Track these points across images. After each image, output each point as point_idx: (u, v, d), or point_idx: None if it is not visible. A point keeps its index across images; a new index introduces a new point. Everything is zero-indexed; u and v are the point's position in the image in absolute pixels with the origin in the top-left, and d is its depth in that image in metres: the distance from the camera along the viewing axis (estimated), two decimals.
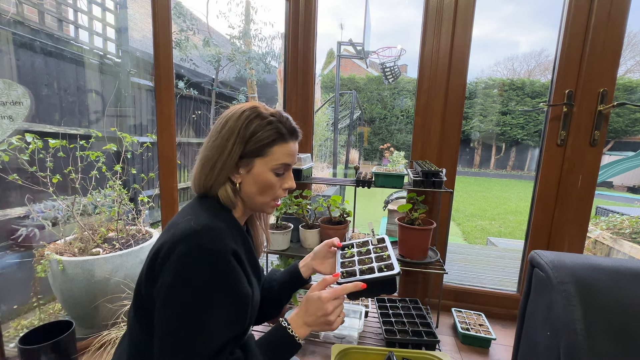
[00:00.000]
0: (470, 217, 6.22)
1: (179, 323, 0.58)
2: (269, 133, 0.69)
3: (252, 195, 0.72)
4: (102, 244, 1.59)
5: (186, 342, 0.57)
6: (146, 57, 2.67)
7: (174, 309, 0.58)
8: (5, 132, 1.26)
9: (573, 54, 1.46)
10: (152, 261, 0.62)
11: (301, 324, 0.69)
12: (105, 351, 1.27)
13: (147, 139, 2.37)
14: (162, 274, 0.60)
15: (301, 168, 1.53)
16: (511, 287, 1.86)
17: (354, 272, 0.78)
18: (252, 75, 5.60)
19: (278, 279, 0.89)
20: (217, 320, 0.60)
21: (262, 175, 0.71)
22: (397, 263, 0.76)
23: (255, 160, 0.70)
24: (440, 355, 1.11)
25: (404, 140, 10.63)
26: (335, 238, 0.91)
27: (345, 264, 0.84)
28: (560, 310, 0.72)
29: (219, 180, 0.70)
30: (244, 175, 0.71)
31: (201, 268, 0.59)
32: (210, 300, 0.59)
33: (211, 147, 0.70)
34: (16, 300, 1.60)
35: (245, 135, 0.68)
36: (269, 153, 0.70)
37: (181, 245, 0.59)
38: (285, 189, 0.76)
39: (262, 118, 0.69)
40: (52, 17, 2.05)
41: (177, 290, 0.58)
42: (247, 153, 0.69)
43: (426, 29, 1.58)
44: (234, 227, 0.71)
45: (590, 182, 1.52)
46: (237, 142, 0.68)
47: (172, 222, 0.68)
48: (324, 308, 0.68)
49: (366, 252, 0.88)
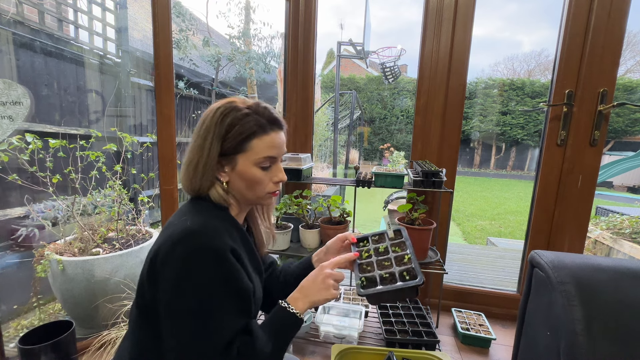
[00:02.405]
0: (470, 217, 6.22)
1: (186, 323, 0.58)
2: (247, 127, 0.66)
3: (242, 191, 0.71)
4: (102, 244, 1.59)
5: (196, 341, 0.58)
6: (146, 57, 2.67)
7: (179, 310, 0.59)
8: (5, 132, 1.25)
9: (573, 54, 1.46)
10: (152, 263, 0.62)
11: (299, 297, 0.71)
12: (105, 351, 1.27)
13: (147, 139, 2.37)
14: (163, 275, 0.60)
15: (301, 168, 1.53)
16: (511, 287, 1.86)
17: (374, 278, 0.75)
18: (251, 76, 5.60)
19: (293, 273, 0.89)
20: (223, 315, 0.61)
21: (246, 171, 0.69)
22: (419, 269, 0.72)
23: (237, 157, 0.68)
24: (440, 355, 1.11)
25: (404, 140, 10.62)
26: (348, 232, 0.89)
27: (364, 267, 0.79)
28: (560, 310, 0.72)
29: (205, 181, 0.69)
30: (230, 173, 0.70)
31: (201, 267, 0.59)
32: (214, 298, 0.60)
33: (191, 148, 0.69)
34: (16, 300, 1.60)
35: (221, 132, 0.66)
36: (248, 148, 0.67)
37: (179, 246, 0.59)
38: (275, 182, 0.73)
39: (237, 111, 0.67)
40: (52, 17, 2.05)
41: (180, 291, 0.58)
42: (227, 150, 0.67)
43: (426, 29, 1.58)
44: (232, 225, 0.71)
45: (590, 182, 1.51)
46: (214, 140, 0.66)
47: (169, 222, 0.68)
48: (323, 273, 0.72)
49: (384, 250, 0.82)
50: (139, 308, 0.68)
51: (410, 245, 0.80)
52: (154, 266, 0.62)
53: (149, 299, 0.64)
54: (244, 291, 0.65)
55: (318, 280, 0.72)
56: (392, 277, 0.73)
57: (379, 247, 0.83)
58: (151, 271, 0.63)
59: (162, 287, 0.60)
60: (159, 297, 0.61)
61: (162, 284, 0.60)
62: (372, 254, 0.82)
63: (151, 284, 0.63)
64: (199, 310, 0.58)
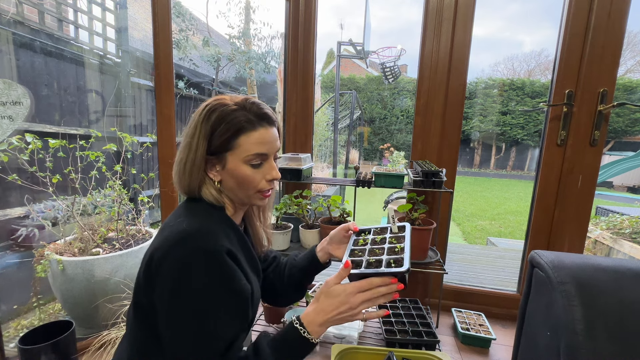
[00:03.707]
0: (470, 217, 6.22)
1: (185, 327, 0.58)
2: (233, 123, 0.64)
3: (233, 190, 0.69)
4: (102, 244, 1.59)
5: (196, 344, 0.58)
6: (146, 57, 2.67)
7: (178, 314, 0.58)
8: (5, 132, 1.25)
9: (573, 54, 1.46)
10: (148, 266, 0.62)
11: (319, 322, 0.64)
12: (105, 351, 1.27)
13: (147, 139, 2.37)
14: (160, 279, 0.59)
15: (301, 168, 1.53)
16: (511, 287, 1.86)
17: (360, 262, 0.72)
18: (251, 76, 5.60)
19: (298, 265, 0.87)
20: (222, 318, 0.60)
21: (236, 169, 0.66)
22: (408, 258, 0.69)
23: (227, 155, 0.66)
24: (440, 355, 1.11)
25: (404, 140, 10.63)
26: (352, 222, 0.86)
27: (355, 253, 0.78)
28: (560, 310, 0.72)
29: (194, 181, 0.68)
30: (221, 171, 0.68)
31: (198, 270, 0.58)
32: (212, 301, 0.59)
33: (181, 147, 0.68)
34: (16, 300, 1.60)
35: (206, 130, 0.64)
36: (236, 145, 0.65)
37: (175, 249, 0.59)
38: (268, 180, 0.70)
39: (224, 108, 0.65)
40: (52, 17, 2.05)
41: (179, 294, 0.58)
42: (215, 148, 0.66)
43: (426, 29, 1.58)
44: (228, 225, 0.70)
45: (590, 182, 1.51)
46: (200, 139, 0.65)
47: (165, 224, 0.67)
48: (350, 302, 0.63)
49: (381, 241, 0.81)
50: (136, 309, 0.67)
51: (408, 239, 0.77)
52: (149, 269, 0.61)
53: (146, 302, 0.63)
54: (242, 292, 0.64)
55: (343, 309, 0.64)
56: (379, 263, 0.72)
57: (377, 238, 0.83)
58: (148, 274, 0.62)
59: (159, 292, 0.60)
60: (155, 300, 0.61)
61: (159, 288, 0.59)
62: (369, 243, 0.81)
63: (148, 286, 0.62)
64: (198, 314, 0.58)
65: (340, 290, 0.65)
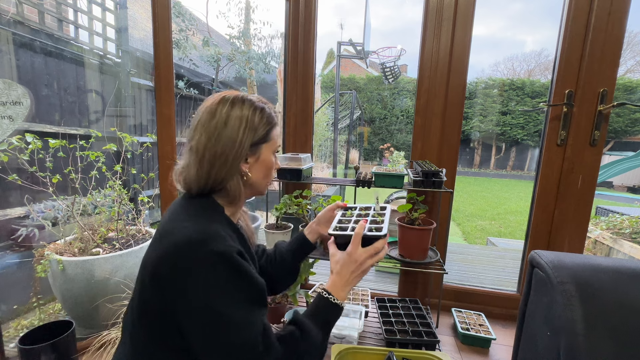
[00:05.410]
0: (470, 217, 6.22)
1: (218, 328, 0.58)
2: (270, 117, 0.73)
3: (259, 180, 0.76)
4: (102, 244, 1.59)
5: (233, 341, 0.58)
6: (146, 57, 2.68)
7: (208, 318, 0.58)
8: (5, 132, 1.25)
9: (573, 54, 1.46)
10: (155, 273, 0.61)
11: (341, 287, 0.74)
12: (105, 351, 1.27)
13: (147, 139, 2.37)
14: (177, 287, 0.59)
15: (301, 168, 1.53)
16: (511, 287, 1.86)
17: (345, 228, 0.82)
18: (251, 76, 5.60)
19: (288, 249, 0.95)
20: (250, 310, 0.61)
21: (267, 159, 0.75)
22: (387, 227, 0.80)
23: (262, 146, 0.73)
24: (440, 355, 1.11)
25: (404, 140, 10.63)
26: (338, 202, 0.96)
27: (342, 221, 0.89)
28: (560, 310, 0.72)
29: (230, 173, 0.70)
30: (252, 163, 0.73)
31: (218, 273, 0.59)
32: (238, 298, 0.60)
33: (217, 141, 0.67)
34: (16, 300, 1.60)
35: (254, 122, 0.70)
36: (270, 137, 0.74)
37: (190, 257, 0.58)
38: (276, 168, 0.80)
39: (255, 102, 0.72)
40: (52, 17, 2.05)
41: (204, 300, 0.58)
42: (256, 140, 0.71)
43: (426, 29, 1.58)
44: (229, 226, 0.70)
45: (590, 182, 1.51)
46: (247, 131, 0.69)
47: (165, 230, 0.65)
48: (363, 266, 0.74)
49: (365, 215, 0.91)
50: (140, 315, 0.65)
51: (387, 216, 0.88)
52: (158, 277, 0.60)
53: (155, 310, 0.62)
54: (261, 285, 0.66)
55: (359, 272, 0.75)
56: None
57: (362, 213, 0.94)
58: (156, 281, 0.61)
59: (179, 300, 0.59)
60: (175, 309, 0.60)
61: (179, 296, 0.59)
62: (354, 214, 0.92)
63: (158, 294, 0.61)
64: (225, 317, 0.58)
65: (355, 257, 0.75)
